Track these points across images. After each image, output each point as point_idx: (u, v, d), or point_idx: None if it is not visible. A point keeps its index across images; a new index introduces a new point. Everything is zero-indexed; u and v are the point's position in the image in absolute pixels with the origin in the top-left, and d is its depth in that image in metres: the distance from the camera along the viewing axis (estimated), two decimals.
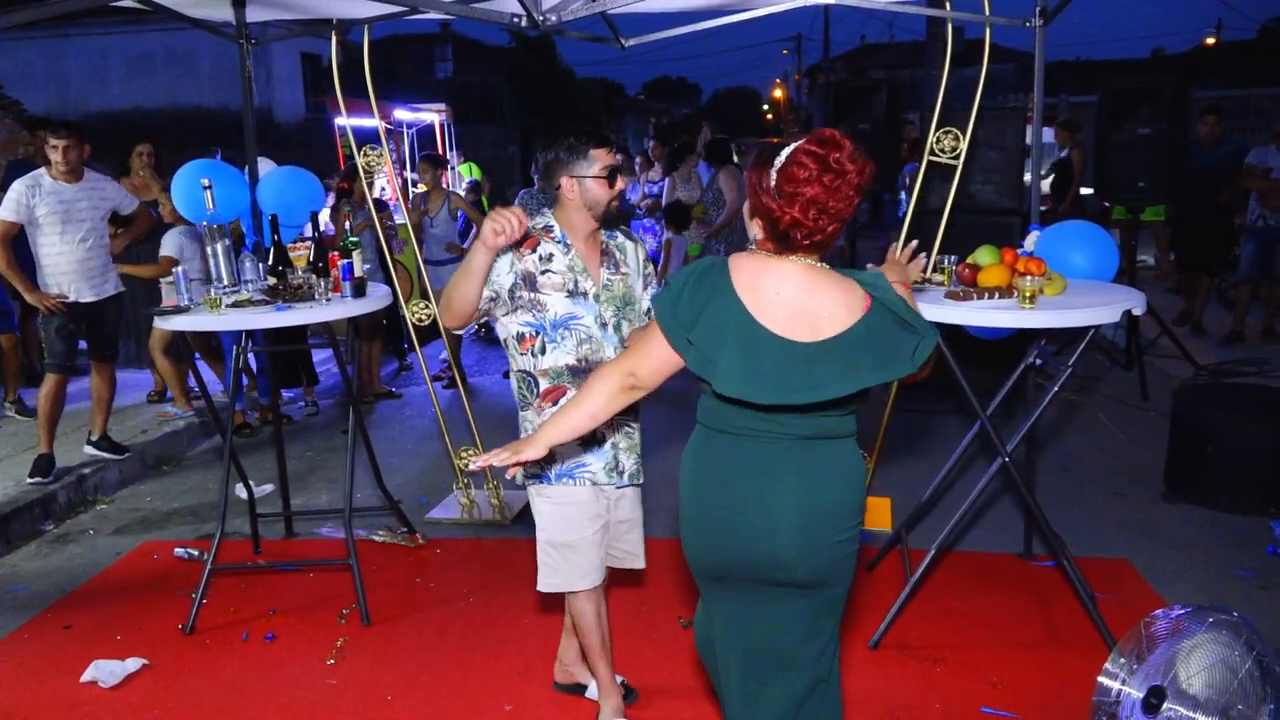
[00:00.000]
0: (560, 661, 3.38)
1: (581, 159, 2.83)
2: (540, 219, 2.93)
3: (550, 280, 2.84)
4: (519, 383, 2.93)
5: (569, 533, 2.94)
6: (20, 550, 4.81)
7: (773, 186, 2.06)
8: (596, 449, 2.94)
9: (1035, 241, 3.84)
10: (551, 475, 2.91)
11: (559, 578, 2.98)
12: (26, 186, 5.21)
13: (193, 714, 3.31)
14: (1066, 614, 3.77)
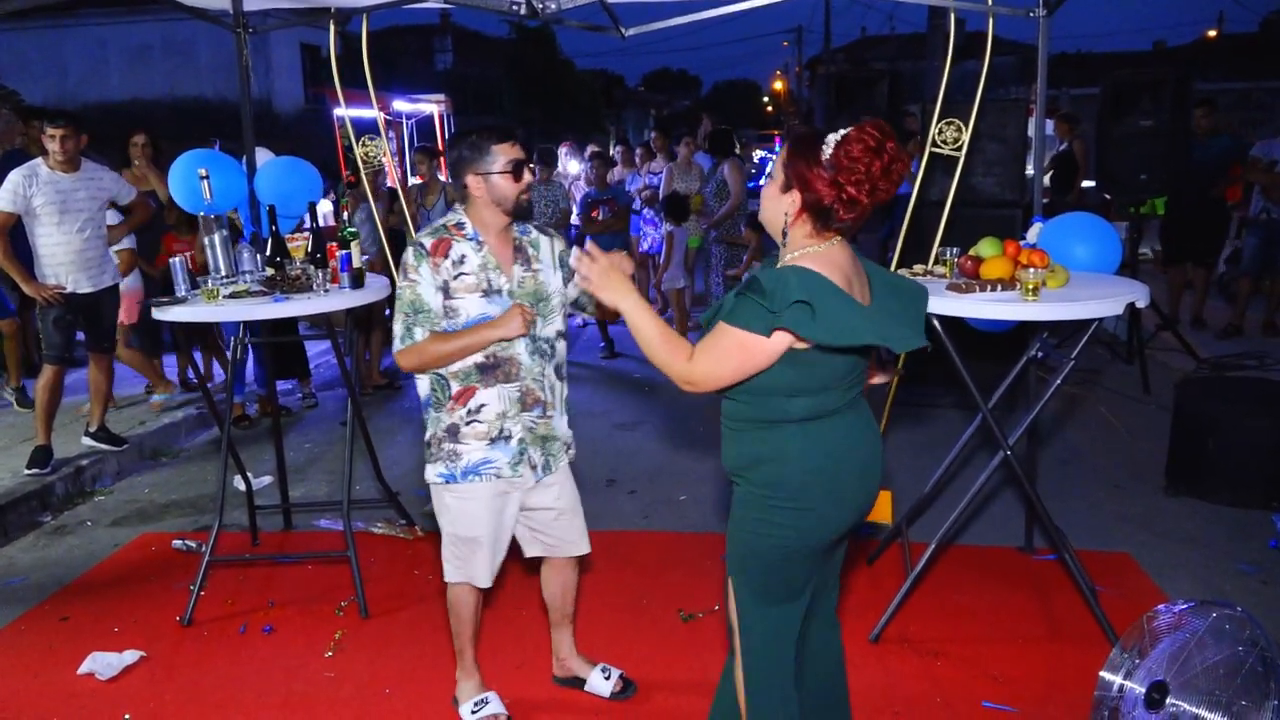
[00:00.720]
0: (556, 656, 3.38)
1: (485, 155, 2.84)
2: (451, 215, 2.95)
3: (464, 283, 2.85)
4: (432, 385, 2.94)
5: (474, 528, 2.98)
6: (17, 542, 4.80)
7: (826, 166, 2.18)
8: (502, 445, 2.94)
9: (1038, 234, 3.83)
10: (458, 474, 2.94)
11: (465, 572, 3.04)
12: (23, 177, 5.18)
13: (190, 706, 3.29)
14: (1067, 608, 3.76)
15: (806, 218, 2.25)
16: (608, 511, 4.89)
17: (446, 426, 2.93)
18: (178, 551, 4.57)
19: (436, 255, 2.85)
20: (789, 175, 2.24)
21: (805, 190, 2.21)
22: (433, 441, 2.97)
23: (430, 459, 2.99)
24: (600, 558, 4.35)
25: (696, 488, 5.20)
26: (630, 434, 6.24)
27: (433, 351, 2.84)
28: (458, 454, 2.93)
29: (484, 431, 2.91)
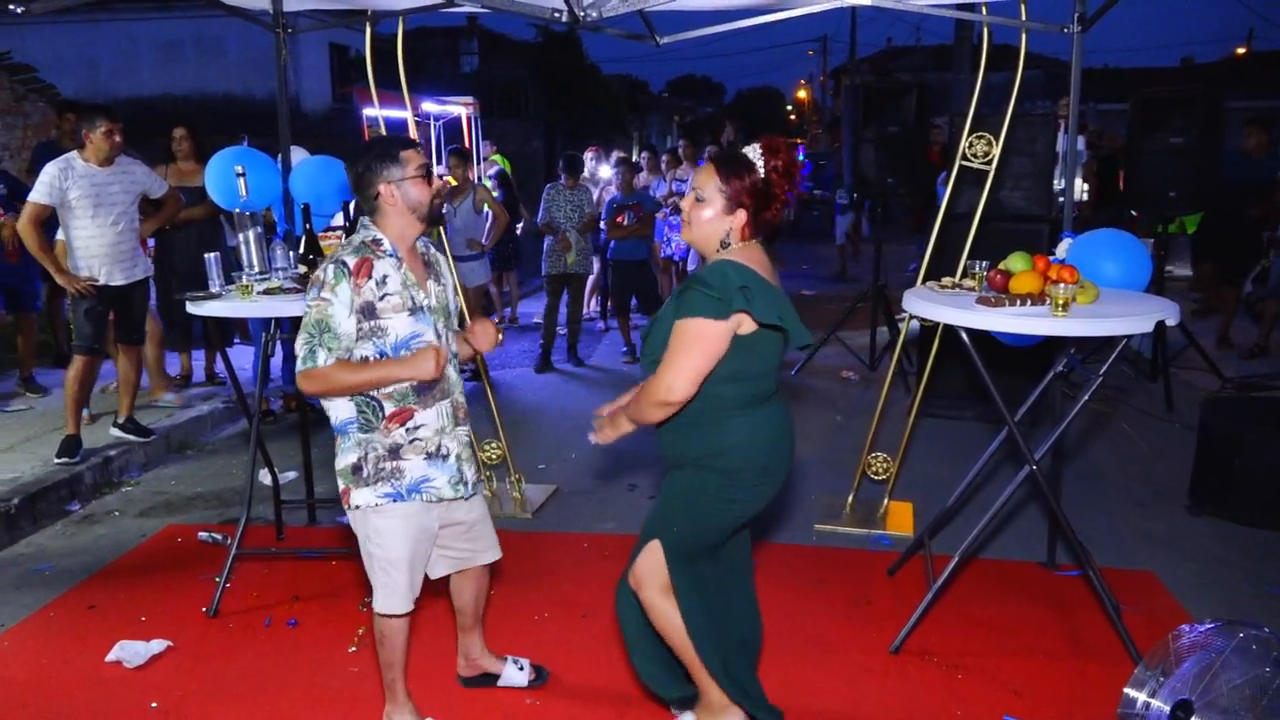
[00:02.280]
0: (465, 657, 3.35)
1: (394, 163, 2.78)
2: (364, 232, 2.83)
3: (390, 303, 2.75)
4: (360, 408, 2.80)
5: (404, 548, 2.87)
6: (47, 530, 4.86)
7: (763, 183, 2.58)
8: (441, 463, 2.89)
9: (1067, 249, 3.83)
10: (404, 491, 2.84)
11: (397, 598, 2.89)
12: (59, 169, 5.25)
13: (216, 696, 3.33)
14: (1090, 624, 3.75)
15: (747, 228, 2.61)
16: (630, 516, 4.91)
17: (388, 446, 2.81)
18: (203, 543, 4.62)
19: (359, 276, 2.71)
20: (731, 197, 2.58)
21: (752, 206, 2.59)
22: (365, 464, 2.81)
23: (363, 483, 2.82)
24: (623, 562, 4.35)
25: None
26: (652, 439, 6.23)
27: (337, 380, 2.72)
28: (401, 471, 2.82)
29: (422, 448, 2.85)
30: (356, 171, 2.81)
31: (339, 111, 21.25)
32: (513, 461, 5.12)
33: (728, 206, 2.58)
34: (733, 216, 2.58)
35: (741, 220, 2.59)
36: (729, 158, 2.63)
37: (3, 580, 4.29)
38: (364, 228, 2.84)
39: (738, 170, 2.58)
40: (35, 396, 6.60)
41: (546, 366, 8.10)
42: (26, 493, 4.91)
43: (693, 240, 2.68)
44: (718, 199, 2.58)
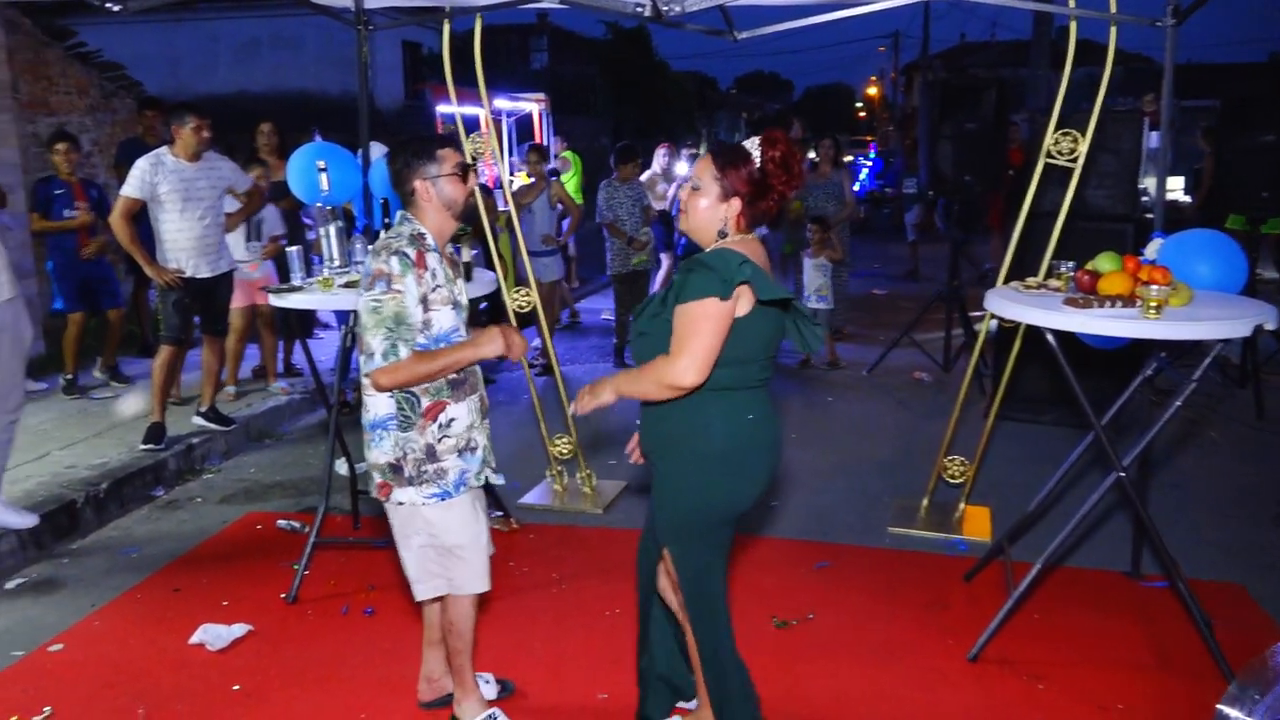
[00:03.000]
0: (426, 679, 3.25)
1: (430, 161, 2.82)
2: (408, 225, 2.84)
3: (439, 295, 2.80)
4: (400, 404, 2.81)
5: (463, 533, 2.92)
6: (133, 514, 5.00)
7: (758, 173, 2.59)
8: (469, 456, 2.92)
9: (1158, 249, 3.72)
10: (451, 489, 2.88)
11: (476, 577, 2.95)
12: (150, 164, 5.39)
13: (295, 681, 3.40)
14: (1177, 638, 3.64)
15: (742, 218, 2.62)
16: None
17: (423, 448, 2.83)
18: (282, 531, 4.71)
19: (420, 266, 2.74)
20: (725, 185, 2.59)
21: (746, 195, 2.60)
22: (404, 464, 2.83)
23: (406, 482, 2.84)
24: None
25: (788, 493, 5.18)
26: None
27: (418, 371, 2.73)
28: (444, 471, 2.86)
29: (453, 445, 2.87)
30: (395, 167, 2.86)
31: (412, 108, 21.54)
32: (583, 457, 5.14)
33: (722, 195, 2.60)
34: (727, 205, 2.61)
35: (736, 209, 2.61)
36: (725, 148, 2.67)
37: (92, 562, 4.42)
38: (406, 220, 2.86)
39: (733, 160, 2.61)
40: (121, 386, 6.79)
41: (621, 362, 8.12)
42: (114, 478, 5.07)
43: (689, 230, 2.71)
44: (713, 188, 2.61)
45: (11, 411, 4.35)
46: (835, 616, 3.83)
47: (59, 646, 3.64)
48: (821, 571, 4.25)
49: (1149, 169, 9.11)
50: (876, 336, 8.77)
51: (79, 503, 4.80)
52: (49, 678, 3.43)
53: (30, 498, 4.74)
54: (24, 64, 8.11)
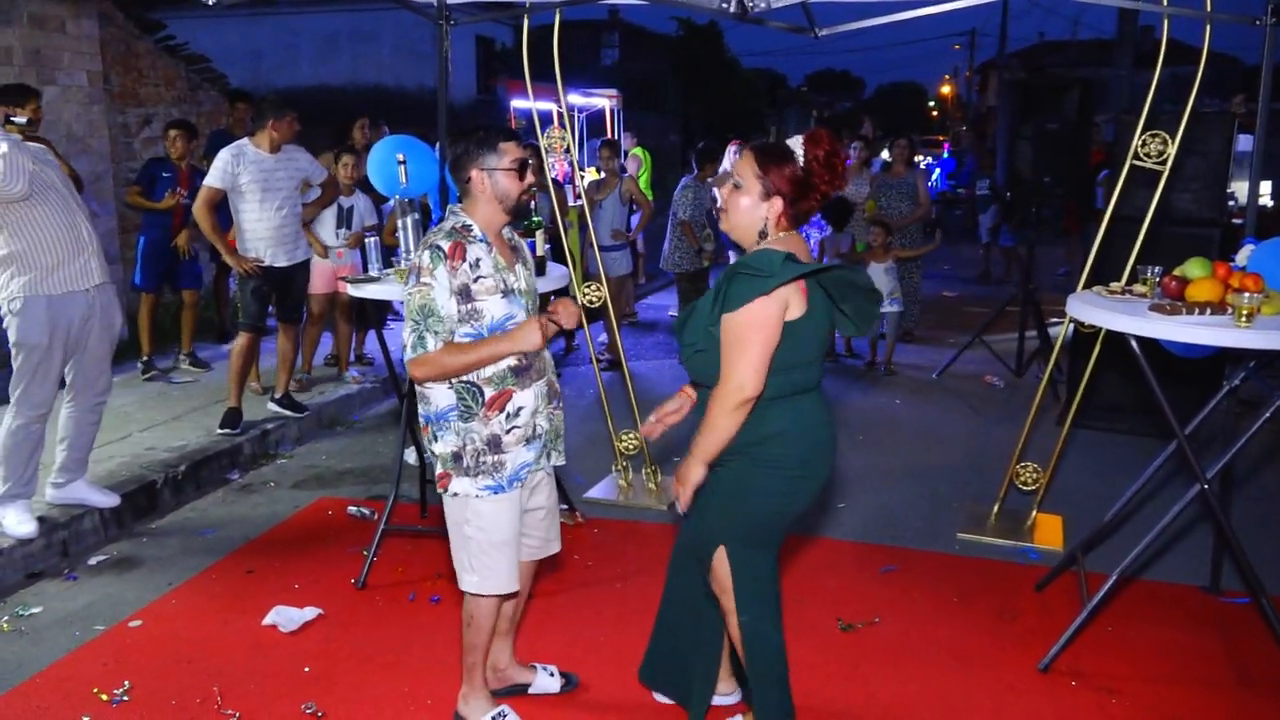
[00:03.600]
0: (493, 669, 3.25)
1: (491, 152, 2.80)
2: (453, 218, 2.85)
3: (484, 285, 2.77)
4: (461, 395, 2.81)
5: (505, 531, 2.89)
6: (209, 496, 5.14)
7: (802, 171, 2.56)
8: (535, 443, 2.91)
9: (1248, 256, 3.60)
10: (505, 483, 2.85)
11: (502, 578, 2.91)
12: (232, 156, 5.53)
13: (364, 666, 3.45)
14: (1258, 655, 3.53)
15: (784, 218, 2.59)
16: None
17: (487, 438, 2.82)
18: (352, 517, 4.80)
19: (454, 259, 2.73)
20: (767, 184, 2.57)
21: (788, 194, 2.57)
22: (464, 454, 2.82)
23: (464, 472, 2.83)
24: None
25: (855, 495, 5.12)
26: None
27: (448, 363, 2.74)
28: (502, 464, 2.84)
29: (521, 435, 2.86)
30: (455, 152, 2.86)
31: (484, 103, 21.77)
32: (649, 452, 5.14)
33: (764, 193, 2.57)
34: (768, 204, 2.58)
35: (778, 209, 2.58)
36: (767, 146, 2.64)
37: (170, 542, 4.55)
38: (453, 214, 2.87)
39: (775, 158, 2.58)
40: (199, 371, 6.97)
41: None
42: (192, 460, 5.21)
43: (729, 229, 2.68)
44: (755, 186, 2.58)
45: (100, 394, 4.49)
46: (902, 621, 3.79)
47: (138, 623, 3.75)
48: (888, 575, 4.20)
49: (1237, 172, 8.83)
50: (946, 339, 8.63)
51: (158, 484, 4.94)
52: (128, 652, 3.53)
53: (112, 478, 4.89)
54: (116, 56, 8.37)
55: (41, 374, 4.17)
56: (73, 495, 4.51)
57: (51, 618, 3.80)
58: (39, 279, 4.10)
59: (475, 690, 3.08)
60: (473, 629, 3.01)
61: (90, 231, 4.30)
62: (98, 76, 7.64)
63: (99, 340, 4.37)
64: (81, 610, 3.86)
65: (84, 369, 4.37)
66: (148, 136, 8.76)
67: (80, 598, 3.97)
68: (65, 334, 4.20)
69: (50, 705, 3.20)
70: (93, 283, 4.27)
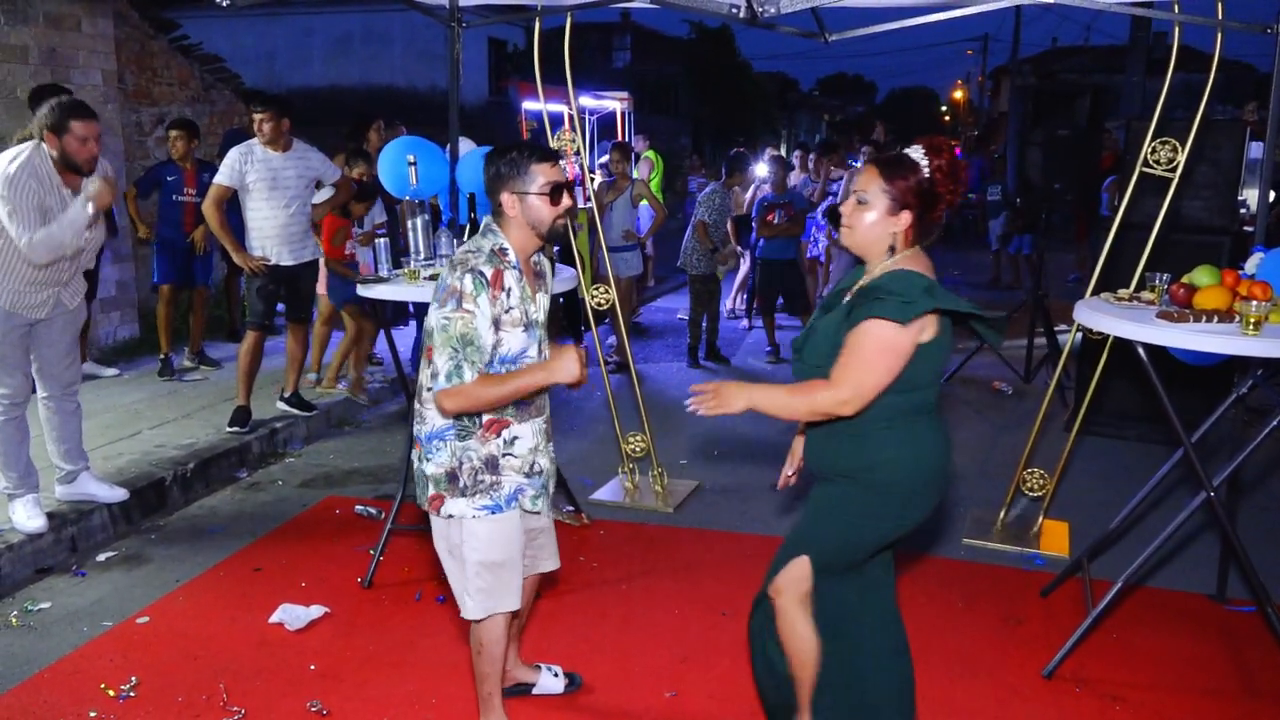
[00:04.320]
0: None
1: (522, 174, 2.66)
2: (491, 238, 2.69)
3: (511, 317, 2.65)
4: (458, 415, 2.71)
5: (506, 550, 2.80)
6: (218, 493, 5.16)
7: (927, 182, 2.48)
8: (534, 478, 2.83)
9: (1258, 264, 3.59)
10: (502, 503, 2.76)
11: (494, 599, 2.80)
12: (240, 154, 5.57)
13: (369, 664, 3.47)
14: (1263, 665, 3.52)
15: (911, 231, 2.51)
16: (771, 516, 4.88)
17: (484, 457, 2.72)
18: (359, 516, 4.81)
19: (496, 287, 2.60)
20: (895, 197, 2.48)
21: (916, 207, 2.49)
22: (460, 474, 2.72)
23: (459, 493, 2.73)
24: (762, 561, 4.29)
25: None
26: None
27: (482, 396, 2.59)
28: (500, 484, 2.75)
29: (518, 466, 2.78)
30: (488, 174, 2.72)
31: (496, 105, 21.80)
32: (656, 455, 5.15)
33: (892, 208, 2.48)
34: (897, 218, 2.49)
35: (906, 222, 2.50)
36: (891, 159, 2.55)
37: (178, 538, 4.57)
38: (491, 233, 2.72)
39: (901, 170, 2.49)
40: (209, 369, 7.00)
41: (695, 363, 8.14)
42: (200, 458, 5.23)
43: (854, 245, 2.57)
44: (881, 200, 2.49)
45: (69, 385, 4.44)
46: (908, 623, 3.76)
47: (145, 619, 3.77)
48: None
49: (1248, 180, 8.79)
50: (955, 345, 8.60)
51: (167, 481, 4.97)
52: (136, 649, 3.55)
53: (121, 474, 4.92)
54: (130, 56, 8.42)
55: (3, 361, 4.13)
56: (80, 490, 4.54)
57: (60, 613, 3.83)
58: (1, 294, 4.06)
59: (495, 712, 2.98)
60: (483, 657, 2.90)
61: (75, 266, 4.26)
62: (112, 76, 7.69)
63: (61, 333, 4.34)
64: (90, 606, 3.88)
65: (48, 363, 4.35)
66: (161, 135, 8.79)
67: (89, 594, 4.00)
68: (24, 329, 4.18)
69: (58, 700, 3.22)
70: (40, 316, 4.21)
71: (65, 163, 4.07)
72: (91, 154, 4.09)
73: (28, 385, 4.30)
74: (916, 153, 2.51)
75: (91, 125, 4.09)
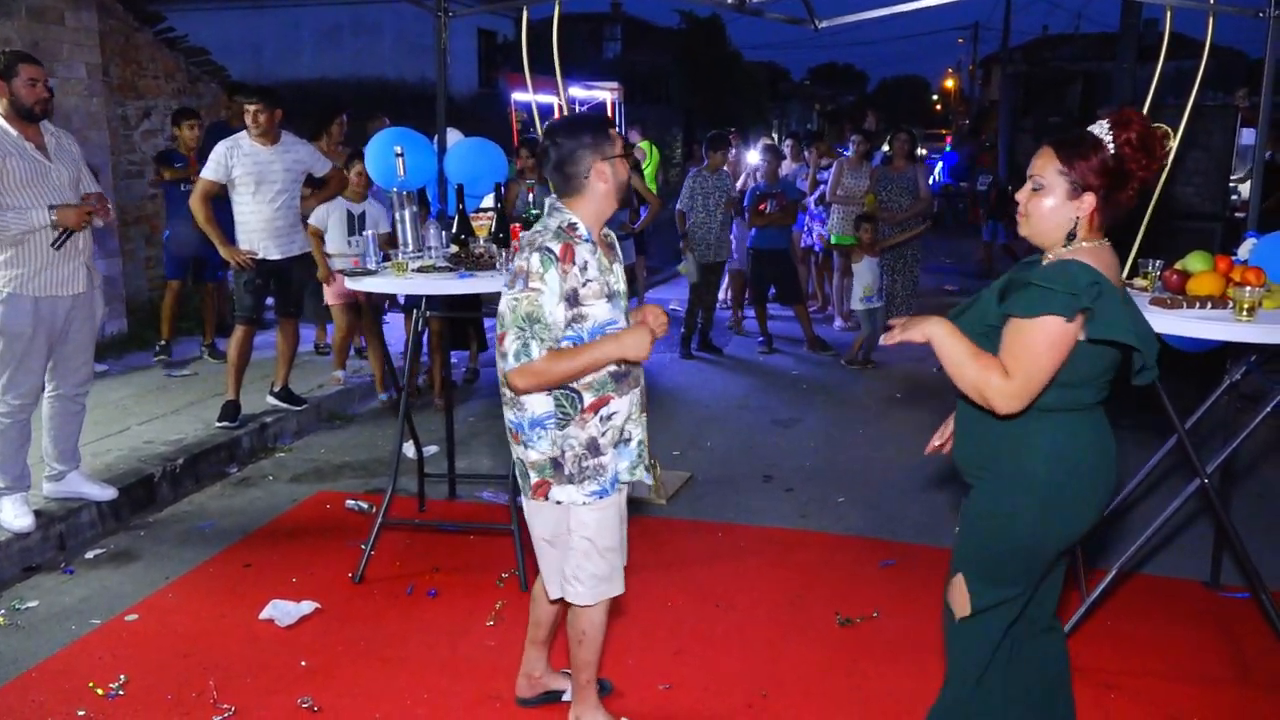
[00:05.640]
0: (528, 676, 3.17)
1: (606, 140, 2.66)
2: (558, 215, 2.68)
3: (591, 289, 2.64)
4: (559, 401, 2.67)
5: (615, 534, 2.80)
6: (207, 489, 5.13)
7: (1113, 160, 2.23)
8: (625, 449, 2.80)
9: (1251, 249, 3.58)
10: (609, 486, 2.75)
11: (607, 584, 2.80)
12: (227, 148, 5.52)
13: (361, 659, 3.45)
14: (1258, 651, 3.51)
15: (1097, 214, 2.27)
16: (765, 507, 4.86)
17: (586, 442, 2.70)
18: (350, 511, 4.79)
19: (565, 261, 2.57)
20: (1074, 180, 2.25)
21: (1101, 189, 2.24)
22: (564, 461, 2.71)
23: (566, 479, 2.72)
24: (756, 553, 4.34)
25: (855, 490, 5.11)
26: (788, 431, 6.17)
27: (554, 371, 2.57)
28: (603, 467, 2.74)
29: (611, 439, 2.75)
30: (565, 148, 2.64)
31: (486, 96, 21.72)
32: (648, 446, 5.11)
33: (1071, 191, 2.25)
34: (1079, 202, 2.25)
35: (1090, 206, 2.25)
36: (1069, 138, 2.30)
37: (168, 535, 4.54)
38: (556, 211, 2.69)
39: (1081, 150, 2.24)
40: (217, 363, 6.93)
41: (688, 353, 8.11)
42: (190, 454, 5.20)
43: (1031, 234, 2.34)
44: (1059, 184, 2.25)
45: (80, 384, 4.45)
46: (900, 616, 3.77)
47: (134, 616, 3.74)
48: (887, 570, 4.19)
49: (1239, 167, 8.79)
50: None
51: (156, 477, 4.93)
52: (125, 646, 3.52)
53: (110, 471, 4.88)
54: (115, 48, 8.34)
55: (26, 364, 4.15)
56: (69, 488, 4.51)
57: (48, 612, 3.80)
58: (26, 277, 4.09)
59: (590, 709, 2.98)
60: (585, 645, 2.88)
61: (88, 240, 4.30)
62: (97, 69, 7.62)
63: (79, 330, 4.35)
64: (78, 604, 3.85)
65: (65, 358, 4.36)
66: (147, 129, 8.74)
67: (77, 592, 3.96)
68: (49, 327, 4.20)
69: (46, 700, 3.19)
70: (78, 290, 4.26)
71: (18, 111, 4.10)
72: (41, 96, 4.12)
73: (40, 391, 4.29)
74: (1100, 128, 2.28)
75: (38, 68, 4.14)
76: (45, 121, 4.26)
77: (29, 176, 4.06)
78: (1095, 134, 2.26)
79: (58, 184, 4.17)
